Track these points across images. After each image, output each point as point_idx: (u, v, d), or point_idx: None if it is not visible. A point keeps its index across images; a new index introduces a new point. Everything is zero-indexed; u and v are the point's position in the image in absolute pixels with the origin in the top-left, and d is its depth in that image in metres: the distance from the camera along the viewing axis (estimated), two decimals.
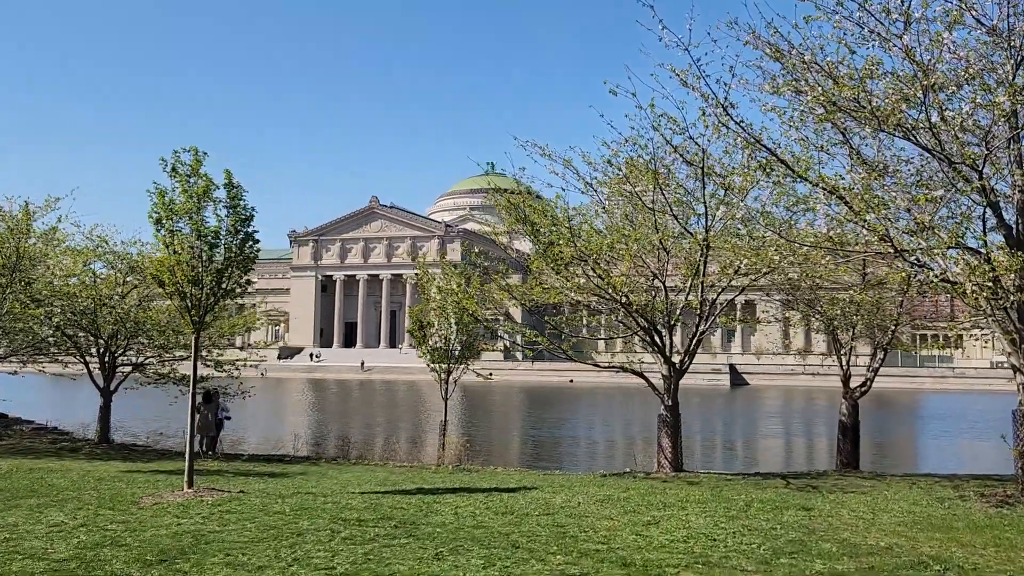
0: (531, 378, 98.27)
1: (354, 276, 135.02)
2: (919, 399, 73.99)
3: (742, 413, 56.60)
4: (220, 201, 13.55)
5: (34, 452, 25.29)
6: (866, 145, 15.62)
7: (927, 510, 12.02)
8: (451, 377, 23.50)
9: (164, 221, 13.03)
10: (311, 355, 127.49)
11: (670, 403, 17.97)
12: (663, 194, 16.99)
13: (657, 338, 17.90)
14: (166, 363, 27.91)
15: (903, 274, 11.94)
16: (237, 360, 29.12)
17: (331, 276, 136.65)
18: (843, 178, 14.09)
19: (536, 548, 9.07)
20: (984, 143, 11.72)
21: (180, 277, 13.01)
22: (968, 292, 11.03)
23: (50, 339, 26.49)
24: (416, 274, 20.97)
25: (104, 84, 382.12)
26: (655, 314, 17.73)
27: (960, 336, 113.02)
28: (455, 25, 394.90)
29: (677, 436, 18.14)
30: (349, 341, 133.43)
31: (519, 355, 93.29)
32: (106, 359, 26.81)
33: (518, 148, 17.59)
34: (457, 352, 22.73)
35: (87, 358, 27.03)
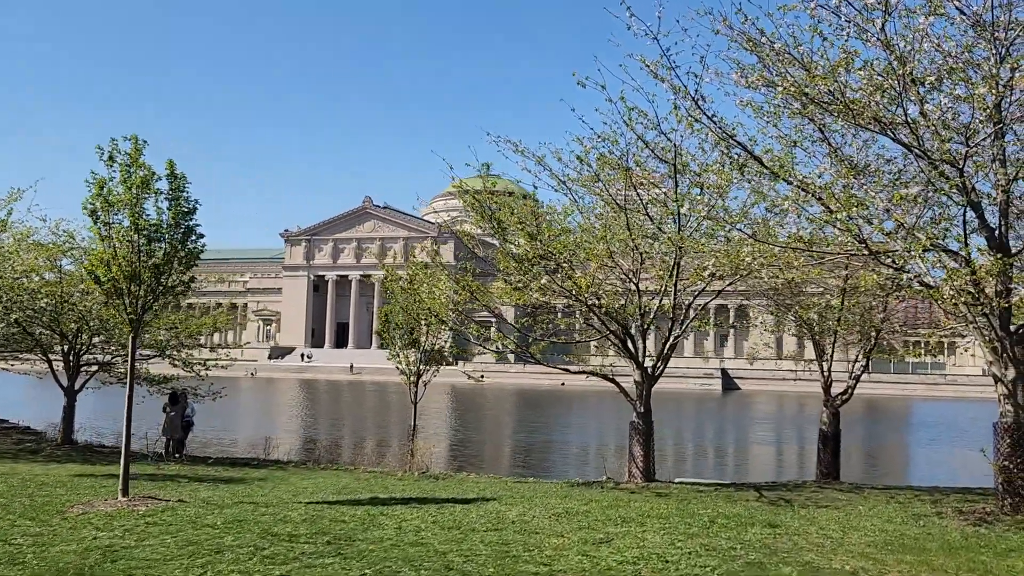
0: (523, 380, 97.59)
1: (346, 276, 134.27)
2: (910, 406, 73.44)
3: (731, 419, 55.97)
4: (162, 193, 12.82)
5: None
6: (848, 144, 14.98)
7: (901, 528, 11.31)
8: (420, 380, 22.76)
9: (100, 213, 12.28)
10: (302, 355, 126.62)
11: (642, 410, 17.26)
12: (636, 193, 16.30)
13: (630, 342, 17.19)
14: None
15: (875, 277, 11.22)
16: (208, 360, 28.36)
17: (323, 276, 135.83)
18: (820, 176, 13.43)
19: (471, 571, 8.36)
20: (965, 140, 11.03)
21: (116, 273, 12.27)
22: (946, 297, 10.34)
23: (13, 336, 25.67)
24: (384, 276, 20.20)
25: (103, 83, 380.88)
26: (627, 318, 17.03)
27: (946, 344, 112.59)
28: (454, 24, 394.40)
29: (649, 444, 17.42)
30: (341, 342, 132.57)
31: (511, 357, 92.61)
32: (70, 358, 26.03)
33: (491, 145, 16.90)
34: (425, 356, 22.00)
35: (50, 356, 26.26)
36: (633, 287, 16.82)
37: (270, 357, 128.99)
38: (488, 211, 15.80)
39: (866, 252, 11.08)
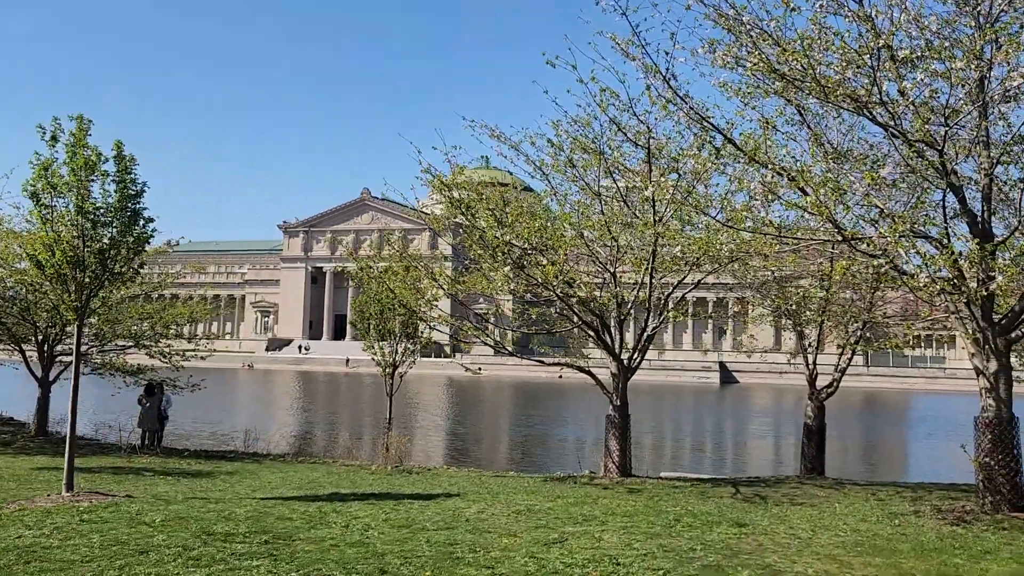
0: (521, 373, 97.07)
1: (345, 268, 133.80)
2: (909, 400, 72.90)
3: (727, 412, 55.45)
4: (109, 175, 12.27)
5: None
6: (829, 128, 14.41)
7: (875, 528, 10.77)
8: (396, 372, 22.24)
9: (42, 195, 11.73)
10: (300, 347, 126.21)
11: (618, 403, 16.73)
12: (612, 178, 15.75)
13: (606, 334, 16.64)
14: (108, 352, 26.58)
15: (844, 263, 10.63)
16: (187, 351, 27.86)
17: (321, 268, 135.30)
18: (796, 159, 12.87)
19: (405, 574, 7.84)
20: (945, 120, 10.46)
21: (60, 258, 11.73)
22: (922, 284, 9.79)
23: None
24: (359, 266, 19.63)
25: (102, 83, 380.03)
26: (603, 308, 16.48)
27: (945, 337, 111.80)
28: (454, 14, 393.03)
29: (626, 438, 16.90)
30: (339, 333, 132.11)
31: (510, 350, 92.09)
32: (44, 348, 25.51)
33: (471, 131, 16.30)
34: (400, 346, 21.47)
35: (23, 347, 25.76)
36: (609, 276, 16.27)
37: (268, 349, 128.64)
38: (455, 195, 15.20)
39: (839, 238, 10.51)
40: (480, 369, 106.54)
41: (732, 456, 31.81)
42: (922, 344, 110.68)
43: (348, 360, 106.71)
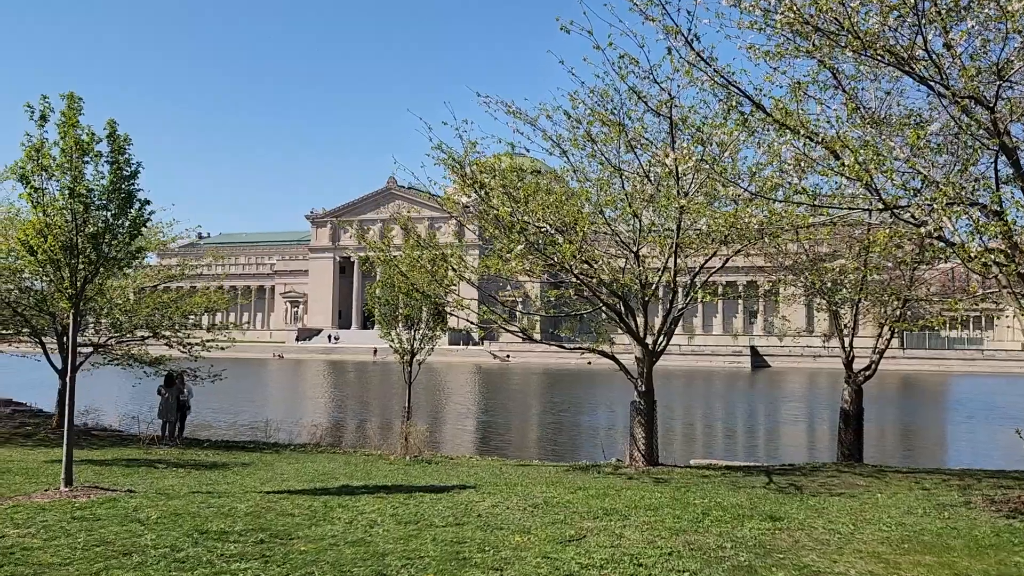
0: (549, 360, 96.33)
1: (369, 257, 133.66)
2: (947, 383, 71.05)
3: (759, 397, 54.29)
4: (102, 156, 11.69)
5: None
6: (864, 90, 13.43)
7: (922, 521, 9.91)
8: (415, 359, 21.60)
9: (31, 177, 11.19)
10: (329, 337, 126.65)
11: (643, 389, 15.94)
12: (635, 152, 14.89)
13: (629, 317, 15.84)
14: (126, 343, 26.28)
15: (886, 232, 9.67)
16: (208, 341, 27.47)
17: (349, 257, 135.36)
18: (831, 125, 11.93)
19: None
20: (997, 73, 9.48)
21: (52, 243, 11.20)
22: (974, 255, 8.87)
23: (2, 316, 24.93)
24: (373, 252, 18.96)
25: (130, 74, 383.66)
26: (626, 289, 15.67)
27: (984, 318, 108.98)
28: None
29: (652, 426, 16.12)
30: (367, 322, 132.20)
31: (537, 336, 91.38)
32: (63, 340, 25.25)
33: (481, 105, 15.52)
34: (418, 334, 20.83)
35: (43, 339, 25.53)
36: (631, 256, 15.44)
37: (297, 339, 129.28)
38: (468, 172, 14.45)
39: (880, 206, 9.61)
40: (508, 356, 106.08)
41: (765, 442, 30.85)
42: (959, 326, 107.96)
43: (376, 350, 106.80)
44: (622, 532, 9.04)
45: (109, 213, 11.62)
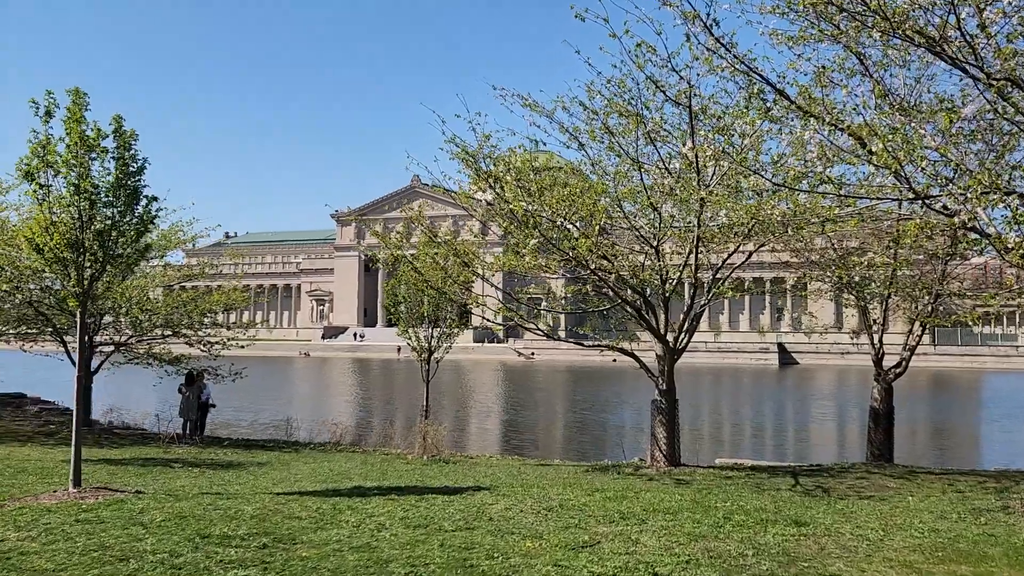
0: (574, 357, 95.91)
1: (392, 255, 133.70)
2: (980, 380, 69.58)
3: (786, 394, 53.46)
4: (108, 152, 11.50)
5: (8, 435, 24.02)
6: (895, 78, 12.89)
7: (956, 527, 9.42)
8: (433, 357, 21.32)
9: (35, 174, 11.01)
10: (355, 335, 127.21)
11: (664, 387, 15.51)
12: (654, 145, 14.46)
13: (649, 314, 15.41)
14: (146, 341, 26.29)
15: (916, 223, 9.14)
16: (230, 339, 27.43)
17: (374, 255, 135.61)
18: (858, 112, 11.43)
19: None
20: None
21: (57, 241, 11.02)
22: (1011, 246, 8.37)
23: (26, 316, 25.03)
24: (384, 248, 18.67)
25: (153, 82, 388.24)
26: (645, 284, 15.23)
27: (1018, 314, 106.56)
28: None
29: (673, 425, 15.69)
30: (392, 320, 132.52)
31: (562, 333, 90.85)
32: (84, 339, 25.27)
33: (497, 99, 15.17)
34: (436, 331, 20.53)
35: (65, 338, 25.59)
36: (651, 251, 15.01)
37: (323, 337, 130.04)
38: (481, 166, 14.10)
39: (911, 196, 9.12)
40: (533, 354, 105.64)
41: (793, 441, 30.21)
42: (991, 322, 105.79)
43: (399, 348, 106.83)
44: (638, 538, 8.66)
45: (116, 210, 11.42)
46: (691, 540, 8.57)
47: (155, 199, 11.94)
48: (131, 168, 11.46)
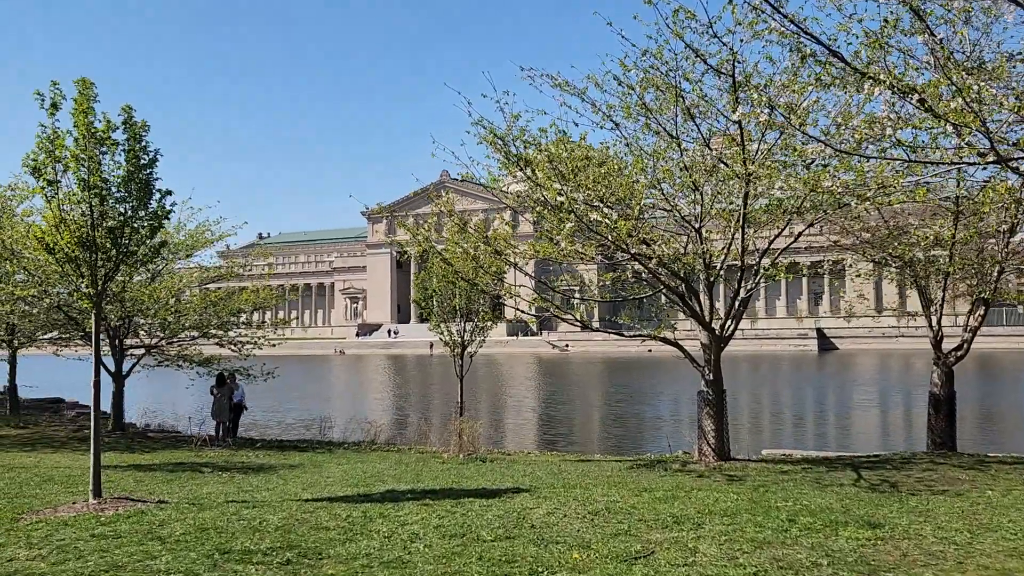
0: (609, 349, 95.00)
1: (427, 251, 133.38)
2: None
3: (829, 381, 52.04)
4: (119, 145, 10.92)
5: (42, 441, 23.81)
6: (955, 37, 11.89)
7: None
8: (466, 352, 20.62)
9: (43, 169, 10.46)
10: (389, 331, 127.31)
11: (711, 378, 14.64)
12: (695, 121, 13.57)
13: (693, 300, 14.55)
14: (176, 343, 25.95)
15: (1005, 186, 8.10)
16: (259, 338, 27.02)
17: (406, 252, 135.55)
18: (920, 73, 10.48)
19: None
20: None
21: (68, 239, 10.47)
22: None
23: (56, 321, 24.82)
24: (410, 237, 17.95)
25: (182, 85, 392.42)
26: (688, 270, 14.37)
27: None
28: None
29: (722, 417, 14.82)
30: (425, 316, 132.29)
31: (596, 324, 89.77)
32: (115, 342, 25.04)
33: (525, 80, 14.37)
34: (468, 325, 19.82)
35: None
36: (694, 233, 14.13)
37: (358, 334, 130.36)
38: (513, 150, 13.30)
39: (993, 159, 8.17)
40: (568, 346, 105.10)
41: (842, 430, 29.03)
42: None
43: (432, 344, 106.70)
44: (696, 546, 7.85)
45: (128, 205, 10.84)
46: (755, 547, 7.75)
47: (169, 193, 11.36)
48: (142, 160, 10.87)
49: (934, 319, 17.12)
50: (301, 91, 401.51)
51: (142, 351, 26.16)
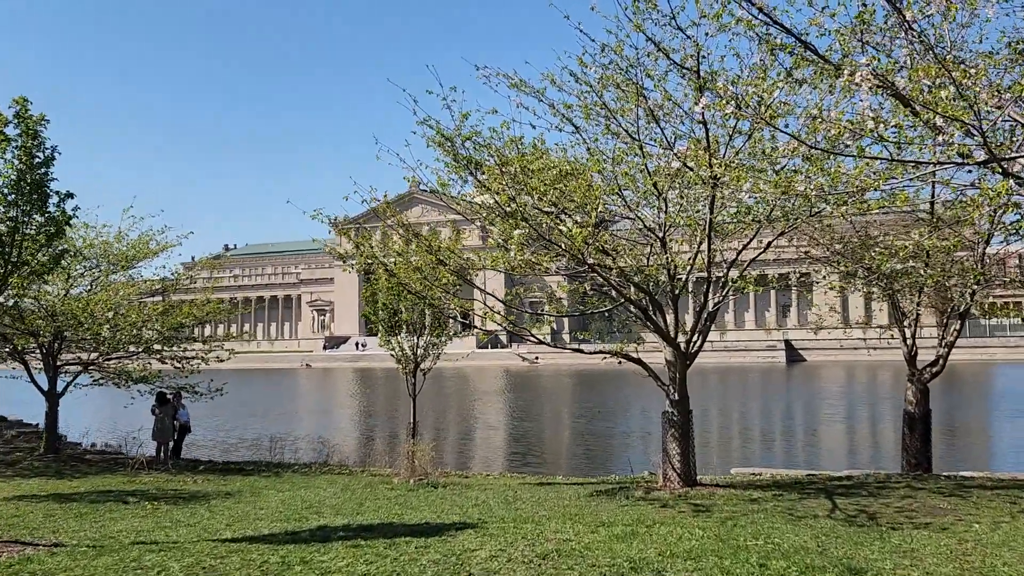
0: (578, 360, 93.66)
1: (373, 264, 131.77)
2: (990, 373, 67.60)
3: (797, 394, 51.54)
4: (10, 141, 9.69)
5: None
6: (934, 30, 11.11)
7: None
8: (419, 369, 19.47)
9: None
10: (356, 344, 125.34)
11: (676, 397, 13.65)
12: (656, 121, 12.62)
13: (656, 314, 13.57)
14: (115, 360, 24.44)
15: (1004, 185, 7.24)
16: (206, 353, 25.57)
17: (374, 264, 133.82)
18: (899, 69, 9.63)
19: None
20: None
21: None
22: None
23: None
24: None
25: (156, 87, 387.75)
26: (652, 282, 13.41)
27: (998, 304, 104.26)
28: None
29: (688, 440, 13.82)
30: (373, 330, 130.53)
31: (566, 337, 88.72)
32: (48, 358, 23.50)
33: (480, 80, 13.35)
34: (421, 340, 18.70)
35: (25, 358, 23.81)
36: (657, 242, 13.15)
37: (325, 347, 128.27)
38: (460, 151, 12.24)
39: (984, 157, 7.28)
40: (537, 358, 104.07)
41: (810, 448, 28.27)
42: (998, 312, 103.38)
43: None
44: None
45: (19, 210, 9.61)
46: None
47: (70, 195, 10.12)
48: (36, 159, 9.64)
49: (908, 332, 16.34)
50: (265, 100, 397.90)
51: (79, 368, 24.61)
